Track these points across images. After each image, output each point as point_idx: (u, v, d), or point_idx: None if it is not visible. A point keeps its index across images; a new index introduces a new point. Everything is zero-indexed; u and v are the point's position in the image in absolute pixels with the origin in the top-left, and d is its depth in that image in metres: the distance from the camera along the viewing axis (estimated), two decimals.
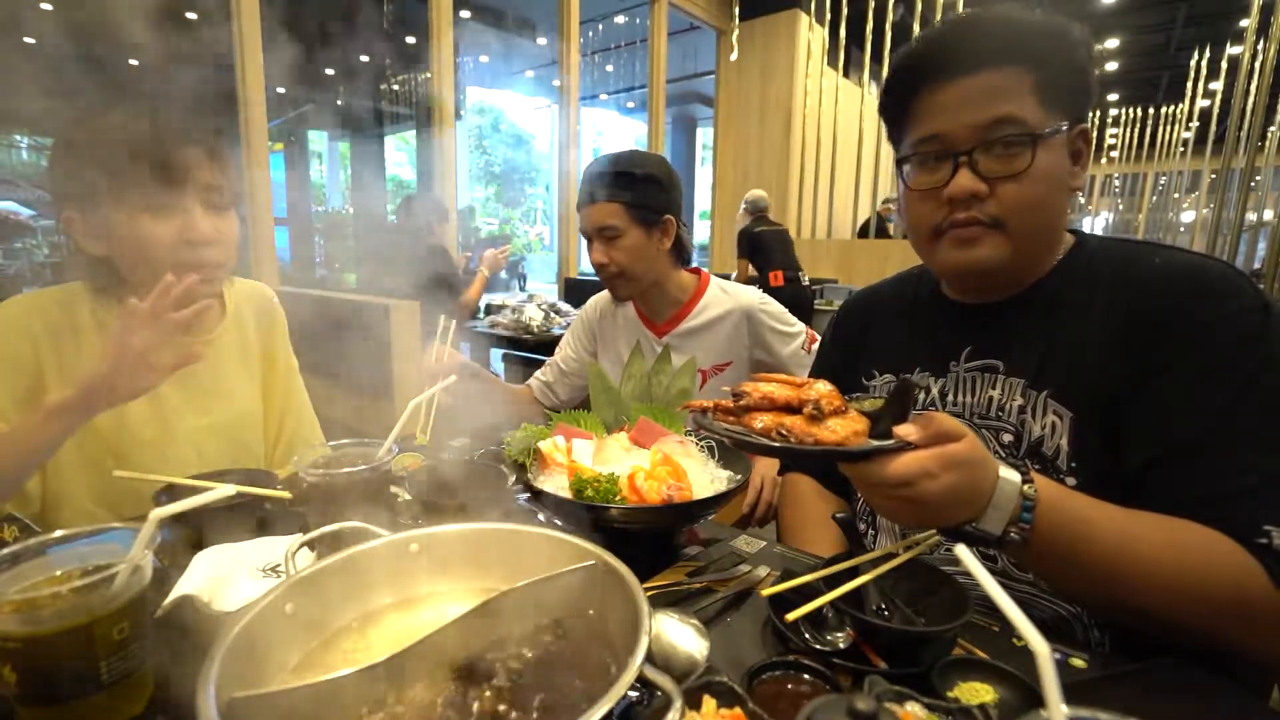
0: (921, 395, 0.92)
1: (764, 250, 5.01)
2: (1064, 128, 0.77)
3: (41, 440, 0.85)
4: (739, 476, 0.93)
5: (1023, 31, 0.77)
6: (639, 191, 1.41)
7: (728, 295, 1.51)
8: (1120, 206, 16.53)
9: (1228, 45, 8.13)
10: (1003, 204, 0.78)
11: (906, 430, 0.61)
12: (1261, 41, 3.79)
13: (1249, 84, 4.06)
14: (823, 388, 0.67)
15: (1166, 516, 0.68)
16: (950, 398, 0.90)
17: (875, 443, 0.62)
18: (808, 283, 5.00)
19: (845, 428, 0.62)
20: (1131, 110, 13.07)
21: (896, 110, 0.86)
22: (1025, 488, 0.63)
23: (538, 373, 1.71)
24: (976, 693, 0.57)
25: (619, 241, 1.42)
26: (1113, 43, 10.27)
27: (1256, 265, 5.17)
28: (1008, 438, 0.83)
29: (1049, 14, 0.79)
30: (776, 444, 0.63)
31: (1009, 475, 0.63)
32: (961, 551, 0.45)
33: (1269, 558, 0.64)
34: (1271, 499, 0.66)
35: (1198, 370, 0.71)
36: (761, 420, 0.65)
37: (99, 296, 1.04)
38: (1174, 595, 0.65)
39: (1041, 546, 0.64)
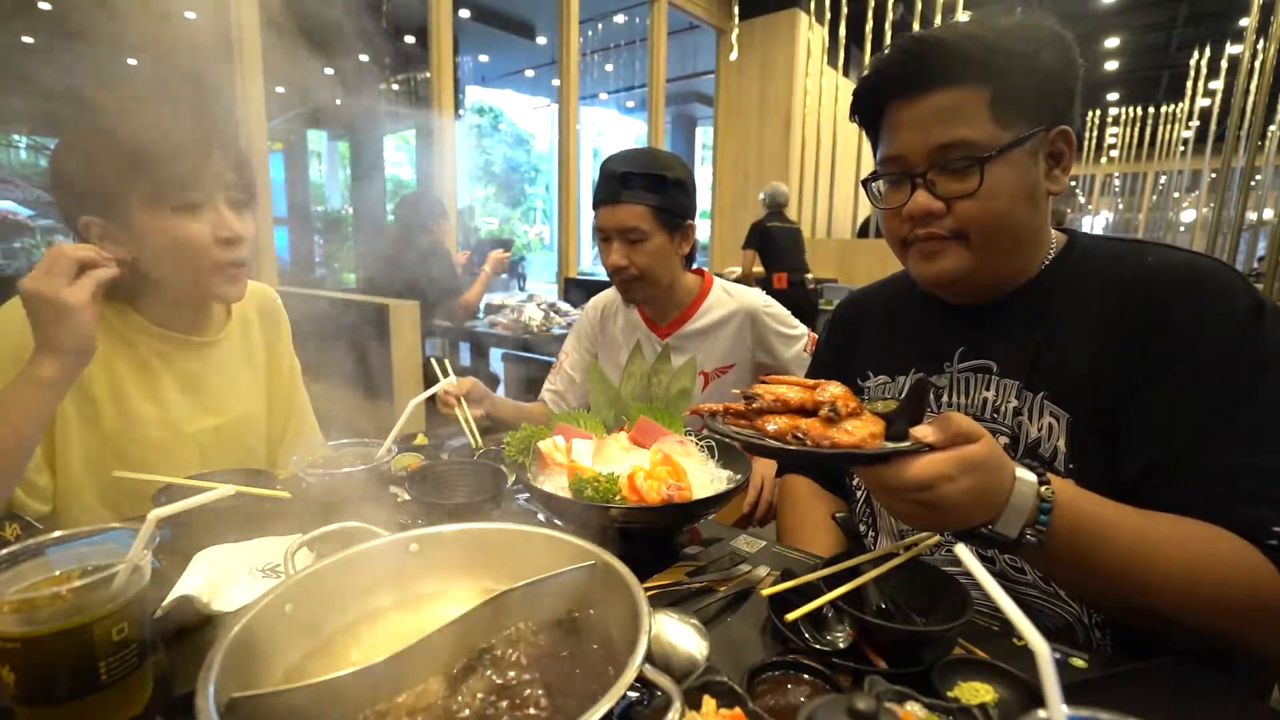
0: None
1: (773, 248, 4.95)
2: (1026, 138, 0.76)
3: (29, 408, 0.82)
4: (739, 476, 0.92)
5: (981, 47, 0.76)
6: (667, 195, 1.36)
7: (731, 297, 1.50)
8: (1120, 206, 16.54)
9: (1228, 44, 8.14)
10: (960, 219, 0.80)
11: (924, 432, 0.60)
12: (1261, 41, 3.79)
13: (1249, 83, 4.06)
14: (836, 389, 0.65)
15: (1178, 516, 0.67)
16: (945, 399, 0.90)
17: (893, 445, 0.60)
18: (814, 285, 4.99)
19: (862, 430, 0.61)
20: (1131, 110, 13.09)
21: (867, 124, 0.90)
22: (1042, 489, 0.62)
23: (547, 383, 1.67)
24: (977, 693, 0.56)
25: (643, 245, 1.37)
26: (1113, 42, 10.27)
27: (1257, 263, 5.18)
28: (1003, 439, 0.83)
29: (1017, 20, 0.78)
30: (793, 447, 0.61)
31: (1026, 476, 0.62)
32: (961, 551, 0.45)
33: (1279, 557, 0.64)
34: (1276, 500, 0.65)
35: (1194, 371, 0.71)
36: (775, 423, 0.63)
37: (105, 298, 1.03)
38: (1188, 595, 0.65)
39: (1057, 548, 0.63)
